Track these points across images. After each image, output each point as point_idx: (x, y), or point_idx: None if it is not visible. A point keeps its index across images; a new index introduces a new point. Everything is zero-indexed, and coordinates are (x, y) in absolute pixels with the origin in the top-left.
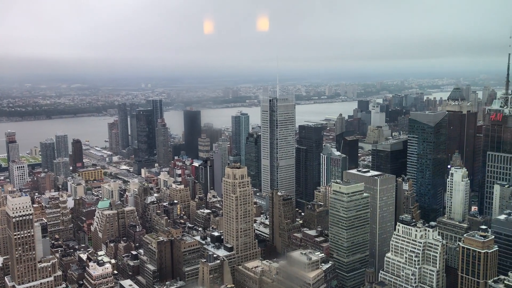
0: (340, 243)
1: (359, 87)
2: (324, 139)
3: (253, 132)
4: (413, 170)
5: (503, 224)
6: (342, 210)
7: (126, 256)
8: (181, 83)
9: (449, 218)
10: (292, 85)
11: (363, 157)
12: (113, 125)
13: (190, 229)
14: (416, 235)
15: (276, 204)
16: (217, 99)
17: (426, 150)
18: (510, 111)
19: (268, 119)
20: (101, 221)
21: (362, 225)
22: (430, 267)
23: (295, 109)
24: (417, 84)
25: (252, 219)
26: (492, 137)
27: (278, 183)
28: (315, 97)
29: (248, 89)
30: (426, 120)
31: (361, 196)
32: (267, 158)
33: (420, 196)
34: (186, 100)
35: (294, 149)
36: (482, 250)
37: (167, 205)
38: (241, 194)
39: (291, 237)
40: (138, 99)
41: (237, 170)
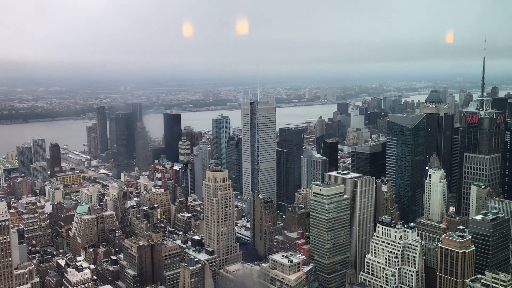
0: (321, 245)
1: (339, 90)
2: (304, 141)
3: (234, 135)
4: (392, 172)
5: (479, 224)
6: (322, 212)
7: (105, 261)
8: (161, 86)
9: (428, 219)
10: (273, 88)
11: (343, 159)
12: (91, 128)
13: (171, 233)
14: (396, 236)
15: (257, 207)
16: (198, 102)
17: (405, 152)
18: (485, 113)
19: (249, 122)
20: (80, 226)
21: (343, 226)
22: (409, 267)
23: (276, 112)
24: (395, 87)
25: (233, 222)
26: (469, 138)
27: (259, 186)
28: (296, 100)
29: (229, 92)
30: (405, 123)
31: (341, 198)
32: (248, 161)
33: (399, 198)
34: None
35: (275, 152)
36: (459, 250)
37: (147, 209)
38: (222, 197)
39: (272, 240)
40: (117, 102)
41: (218, 173)
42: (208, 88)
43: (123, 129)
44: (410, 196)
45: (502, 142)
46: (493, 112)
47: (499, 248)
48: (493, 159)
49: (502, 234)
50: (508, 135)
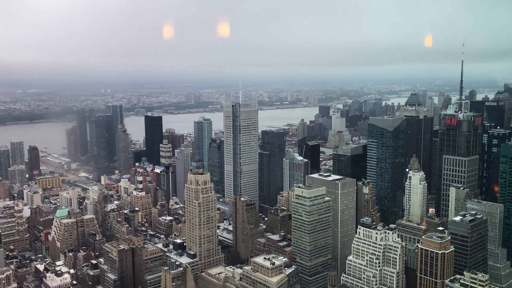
0: (303, 247)
1: (320, 93)
2: (286, 144)
3: (216, 138)
4: (373, 174)
5: (458, 225)
6: (304, 214)
7: (85, 266)
8: (142, 88)
9: (408, 220)
10: (255, 90)
11: (325, 161)
12: (71, 131)
13: (152, 237)
14: (377, 237)
15: (239, 210)
16: (179, 104)
17: (385, 154)
18: (464, 116)
19: (231, 124)
20: (59, 230)
21: (324, 228)
22: (390, 268)
23: (258, 114)
24: (375, 90)
25: (215, 225)
26: (448, 141)
27: (241, 189)
28: (278, 103)
29: (211, 95)
30: (385, 125)
31: (323, 200)
32: (230, 163)
33: (380, 199)
34: (147, 105)
35: (257, 154)
36: (439, 251)
37: (128, 213)
38: (204, 200)
39: (255, 243)
40: (98, 104)
41: (199, 176)
42: (190, 91)
43: (104, 131)
44: (390, 198)
45: (480, 144)
46: (471, 115)
47: (477, 248)
48: (471, 161)
49: (480, 234)
50: (485, 137)
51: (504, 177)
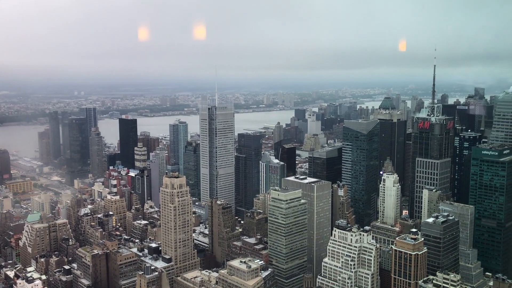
0: (279, 250)
1: (296, 96)
2: (263, 147)
3: (191, 141)
4: (348, 177)
5: (431, 227)
6: (280, 217)
7: (58, 271)
8: (116, 90)
9: (382, 222)
10: (231, 93)
11: (301, 164)
12: (43, 134)
13: (127, 241)
14: (352, 239)
15: (215, 213)
16: (154, 107)
17: (360, 157)
18: (436, 119)
19: (207, 127)
20: (31, 235)
21: (300, 231)
22: (365, 270)
23: (234, 117)
24: (350, 94)
25: (191, 229)
26: (420, 144)
27: (218, 192)
28: (254, 106)
29: (187, 97)
30: (359, 128)
31: (299, 203)
32: (206, 166)
33: (355, 202)
34: (122, 108)
35: (233, 158)
36: (412, 252)
37: (102, 217)
38: (179, 204)
39: (231, 246)
40: (71, 107)
41: (175, 179)
42: (165, 93)
43: (77, 134)
44: (365, 200)
45: (452, 147)
46: (443, 118)
47: (449, 249)
48: (444, 164)
49: (452, 236)
50: (457, 140)
51: (474, 179)
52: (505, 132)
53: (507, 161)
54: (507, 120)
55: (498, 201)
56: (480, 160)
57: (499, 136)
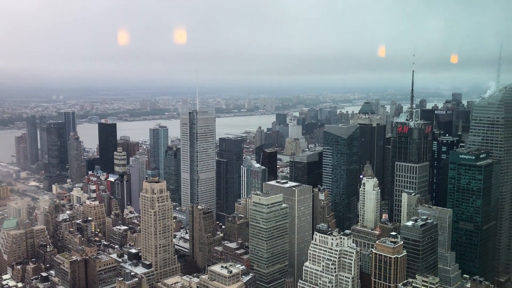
0: (260, 255)
1: (277, 101)
2: (244, 151)
3: (172, 145)
4: (329, 181)
5: (410, 230)
6: (262, 221)
7: (35, 279)
8: (95, 94)
9: (362, 225)
10: (212, 98)
11: (282, 168)
12: (21, 138)
13: (106, 247)
14: (332, 243)
15: (196, 218)
16: (134, 111)
17: (340, 161)
18: (415, 124)
19: (188, 132)
20: (7, 242)
21: (282, 235)
22: (345, 274)
23: (215, 121)
24: (330, 98)
25: (171, 234)
26: (400, 148)
27: (199, 197)
28: (235, 110)
29: (167, 102)
30: (340, 133)
31: (280, 207)
32: (187, 171)
33: (335, 205)
34: (101, 112)
35: (214, 162)
36: (392, 255)
37: (81, 223)
38: (159, 209)
39: (212, 251)
40: (49, 111)
41: (155, 184)
42: (145, 97)
43: (55, 139)
44: (345, 204)
45: (430, 151)
46: (422, 123)
47: (428, 252)
48: (422, 168)
49: (431, 239)
50: (435, 144)
51: (452, 183)
52: (481, 137)
53: (484, 165)
54: (484, 124)
55: (475, 204)
56: (458, 164)
57: (476, 140)
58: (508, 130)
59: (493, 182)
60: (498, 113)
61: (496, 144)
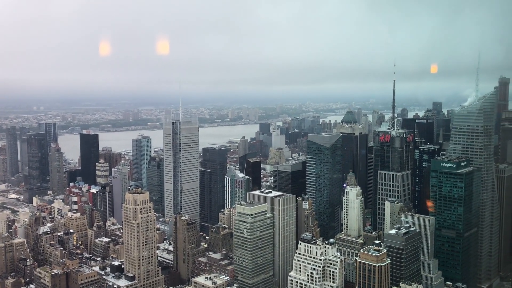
0: (244, 265)
1: (261, 111)
2: (228, 161)
3: (155, 156)
4: (312, 190)
5: (393, 238)
6: (246, 231)
7: None
8: (77, 105)
9: (346, 234)
10: (195, 108)
11: (266, 178)
12: (0, 150)
13: (88, 260)
14: (317, 252)
15: (179, 229)
16: (117, 122)
17: (324, 170)
18: (396, 133)
19: (171, 142)
20: None
21: (266, 245)
22: (330, 283)
23: (199, 131)
24: (313, 108)
25: (154, 245)
26: (382, 157)
27: (182, 207)
28: (219, 120)
29: (150, 112)
30: (323, 142)
31: (264, 217)
32: (170, 182)
33: (319, 214)
34: (83, 123)
35: (198, 172)
36: (376, 264)
37: (62, 235)
38: (142, 220)
39: (196, 262)
40: (30, 122)
41: (138, 195)
42: (128, 108)
43: (36, 150)
44: (329, 213)
45: (412, 160)
46: (403, 132)
47: (411, 260)
48: (404, 176)
49: (414, 246)
50: (417, 153)
51: (434, 190)
52: (462, 145)
53: (465, 173)
54: (464, 133)
55: (457, 211)
56: (439, 172)
57: (457, 148)
58: (487, 138)
59: (474, 190)
60: (478, 122)
61: (476, 152)
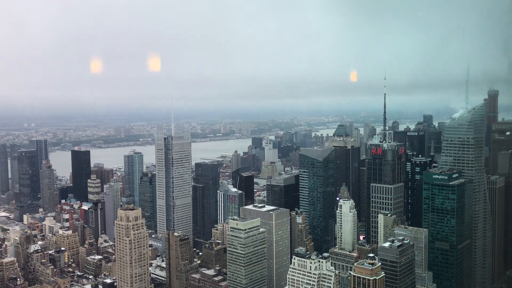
0: (238, 281)
1: (253, 125)
2: (220, 176)
3: (147, 172)
4: (306, 203)
5: (387, 251)
6: (239, 246)
7: None
8: (68, 122)
9: (340, 248)
10: (188, 123)
11: (259, 192)
12: None
13: (80, 278)
14: (311, 267)
15: (172, 245)
16: (109, 138)
17: (316, 183)
18: (388, 145)
19: (163, 157)
20: None
21: (260, 260)
22: None
23: (191, 146)
24: (305, 122)
25: (147, 262)
26: (374, 169)
27: (175, 223)
28: (211, 135)
29: (142, 128)
30: (315, 155)
31: (258, 232)
32: (162, 197)
33: (313, 229)
34: (74, 139)
35: (190, 187)
36: (371, 277)
37: (53, 253)
38: (135, 237)
39: (189, 279)
40: (20, 139)
41: (130, 211)
42: (119, 124)
43: (27, 168)
44: (323, 227)
45: (404, 172)
46: (395, 145)
47: (406, 273)
48: (397, 189)
49: (408, 259)
50: (409, 165)
51: (427, 203)
52: (453, 157)
53: (457, 185)
54: (455, 145)
55: (450, 223)
56: (431, 184)
57: (448, 160)
58: (478, 150)
59: (466, 201)
60: (468, 134)
61: (467, 164)
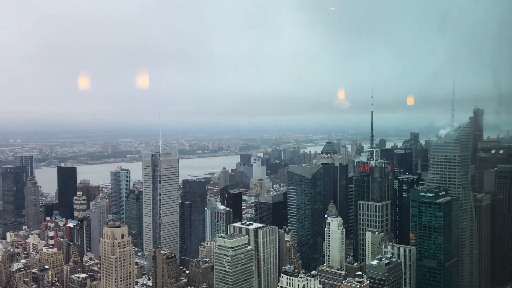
0: None
1: (241, 142)
2: (208, 193)
3: (134, 188)
4: (294, 221)
5: (375, 269)
6: (227, 264)
7: None
8: (55, 137)
9: (328, 266)
10: (176, 139)
11: (247, 209)
12: None
13: None
14: (299, 285)
15: (159, 264)
16: (95, 154)
17: (305, 201)
18: (375, 163)
19: (151, 174)
20: None
21: (248, 279)
22: None
23: (179, 163)
24: (293, 139)
25: (133, 281)
26: (362, 187)
27: (161, 241)
28: (199, 151)
29: (129, 144)
30: (303, 173)
31: (245, 250)
32: (149, 215)
33: (301, 246)
34: (61, 155)
35: (178, 205)
36: None
37: (37, 272)
38: (121, 255)
39: None
40: (5, 155)
41: (116, 229)
42: (106, 140)
43: (11, 184)
44: (311, 244)
45: (391, 189)
46: (382, 162)
47: None
48: (384, 206)
49: (396, 277)
50: (396, 183)
51: (414, 220)
52: (440, 175)
53: (443, 202)
54: (441, 163)
55: (437, 241)
56: (419, 202)
57: (435, 178)
58: (464, 167)
59: (453, 219)
60: (454, 152)
61: (454, 182)
